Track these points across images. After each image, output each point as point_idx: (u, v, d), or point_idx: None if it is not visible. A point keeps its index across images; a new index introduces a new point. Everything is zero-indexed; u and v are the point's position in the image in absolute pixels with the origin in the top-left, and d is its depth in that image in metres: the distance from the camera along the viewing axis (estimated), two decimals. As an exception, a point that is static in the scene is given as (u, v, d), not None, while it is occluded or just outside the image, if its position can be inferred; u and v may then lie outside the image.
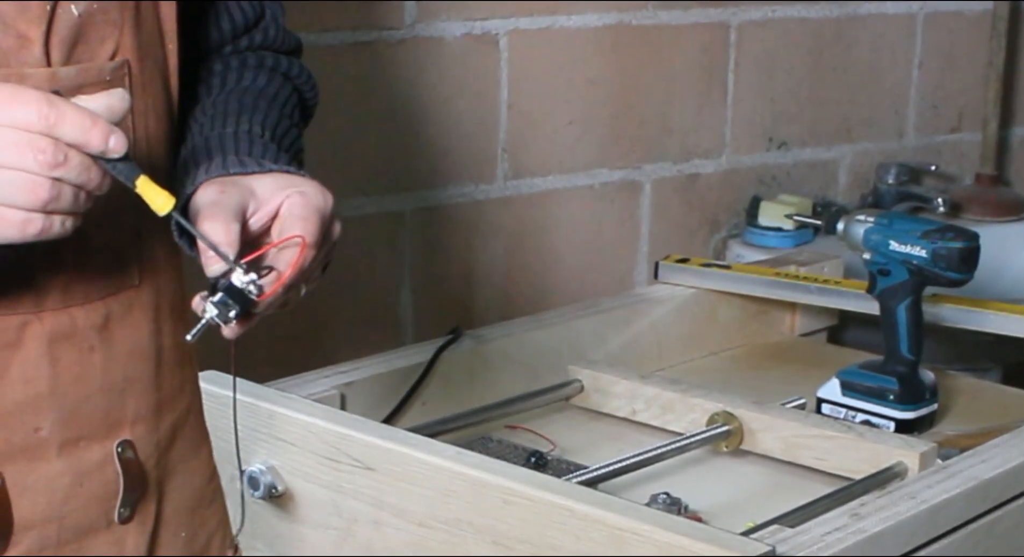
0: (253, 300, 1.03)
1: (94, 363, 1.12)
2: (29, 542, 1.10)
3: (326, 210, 1.10)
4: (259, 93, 1.23)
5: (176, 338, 1.20)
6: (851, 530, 1.32)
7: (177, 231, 1.11)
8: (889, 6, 2.71)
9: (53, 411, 1.10)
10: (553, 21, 2.31)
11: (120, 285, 1.13)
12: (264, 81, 1.25)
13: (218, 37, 1.26)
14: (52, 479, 1.11)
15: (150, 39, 1.12)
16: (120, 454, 1.14)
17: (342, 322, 2.17)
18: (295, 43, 1.32)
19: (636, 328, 1.92)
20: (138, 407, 1.16)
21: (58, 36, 1.05)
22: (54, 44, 1.04)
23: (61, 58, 1.05)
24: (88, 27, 1.06)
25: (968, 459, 1.50)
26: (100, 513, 1.14)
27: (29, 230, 0.95)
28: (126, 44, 1.09)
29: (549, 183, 2.37)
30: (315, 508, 1.47)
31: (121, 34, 1.08)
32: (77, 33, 1.06)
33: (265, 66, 1.26)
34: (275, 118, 1.22)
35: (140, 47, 1.10)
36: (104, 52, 1.07)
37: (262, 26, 1.28)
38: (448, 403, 1.69)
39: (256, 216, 1.09)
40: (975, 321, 1.84)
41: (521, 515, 1.32)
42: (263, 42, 1.28)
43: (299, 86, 1.29)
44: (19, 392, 1.08)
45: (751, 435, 1.62)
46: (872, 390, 1.73)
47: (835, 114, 2.69)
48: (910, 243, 1.70)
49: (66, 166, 0.94)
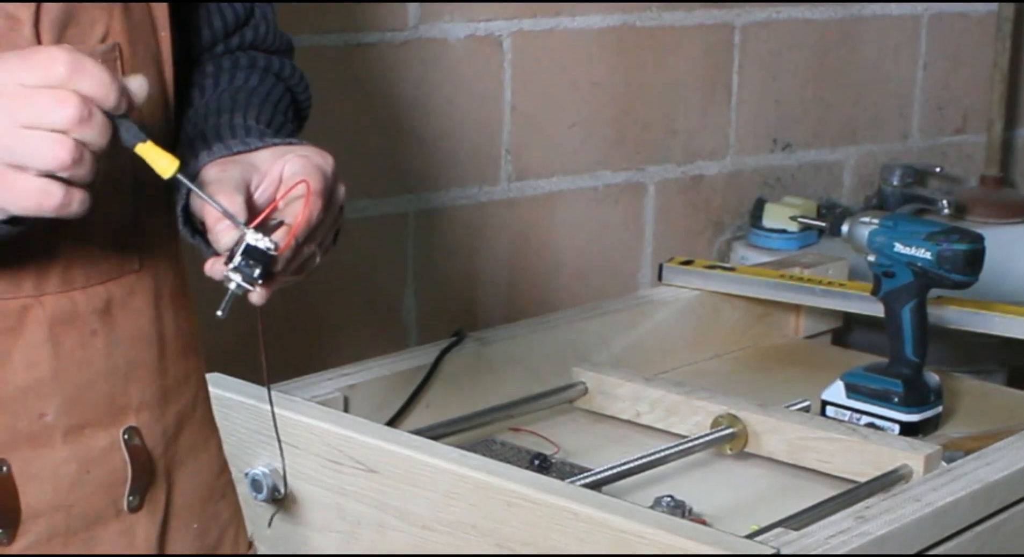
0: (272, 255, 1.03)
1: (96, 347, 1.12)
2: (38, 530, 1.10)
3: (327, 168, 1.11)
4: (252, 92, 1.24)
5: (179, 326, 1.20)
6: (856, 533, 1.32)
7: (182, 218, 1.12)
8: (894, 7, 2.70)
9: (57, 396, 1.10)
10: (557, 22, 2.31)
11: (120, 269, 1.13)
12: (256, 81, 1.25)
13: (209, 36, 1.26)
14: (58, 466, 1.10)
15: (141, 24, 1.12)
16: (127, 441, 1.14)
17: (345, 324, 2.17)
18: (287, 43, 1.32)
19: (640, 330, 1.92)
20: (143, 393, 1.16)
21: (48, 18, 1.05)
22: (44, 26, 1.04)
23: (51, 40, 1.05)
24: (78, 9, 1.06)
25: (973, 461, 1.49)
26: (108, 501, 1.14)
27: (47, 203, 0.94)
28: (116, 28, 1.09)
29: (553, 185, 2.37)
30: (318, 511, 1.47)
31: (111, 18, 1.08)
32: (67, 15, 1.06)
33: (257, 66, 1.27)
34: (269, 114, 1.22)
35: (131, 31, 1.10)
36: (94, 35, 1.08)
37: (252, 23, 1.28)
38: (451, 405, 1.69)
39: (261, 188, 1.09)
40: (980, 323, 1.84)
41: (525, 518, 1.32)
42: (254, 40, 1.28)
43: (292, 87, 1.29)
44: (22, 377, 1.08)
45: (755, 438, 1.62)
46: (877, 392, 1.72)
47: (839, 115, 2.69)
48: (915, 245, 1.69)
49: (90, 123, 0.93)
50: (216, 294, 1.06)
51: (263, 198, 1.09)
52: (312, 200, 1.07)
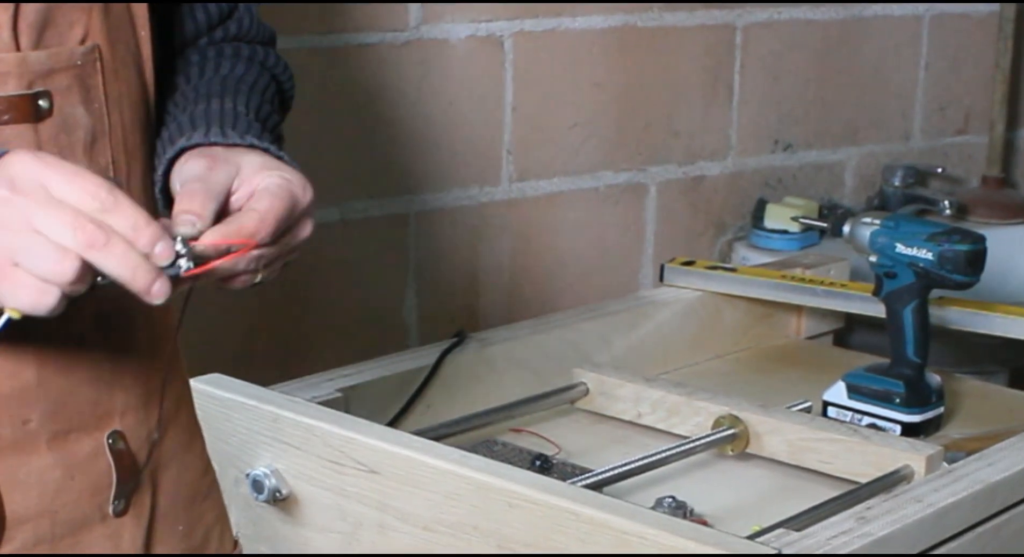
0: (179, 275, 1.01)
1: (82, 354, 1.11)
2: (23, 537, 1.10)
3: (301, 201, 1.09)
4: (239, 80, 1.23)
5: (164, 329, 1.19)
6: (857, 534, 1.32)
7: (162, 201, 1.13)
8: (895, 8, 2.70)
9: (41, 403, 1.09)
10: (558, 23, 2.31)
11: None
12: (243, 69, 1.25)
13: (193, 29, 1.26)
14: (43, 472, 1.10)
15: (120, 24, 1.12)
16: (111, 445, 1.14)
17: (346, 325, 2.17)
18: (269, 34, 1.31)
19: (641, 331, 1.92)
20: (127, 398, 1.15)
21: (26, 20, 1.04)
22: (22, 29, 1.04)
23: (30, 42, 1.05)
24: (56, 11, 1.06)
25: (975, 462, 1.49)
26: (94, 506, 1.14)
27: (44, 301, 0.93)
28: (95, 28, 1.09)
29: (554, 185, 2.37)
30: (319, 512, 1.46)
31: (90, 19, 1.08)
32: (45, 17, 1.05)
33: (242, 56, 1.26)
34: (257, 102, 1.21)
35: (110, 32, 1.10)
36: (74, 36, 1.07)
37: (236, 16, 1.28)
38: (452, 406, 1.69)
39: (238, 194, 1.08)
40: (982, 324, 1.84)
41: (526, 519, 1.32)
42: (238, 33, 1.28)
43: (277, 75, 1.29)
44: (6, 384, 1.08)
45: (757, 438, 1.62)
46: (878, 393, 1.72)
47: (841, 116, 2.69)
48: (916, 246, 1.69)
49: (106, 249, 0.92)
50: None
51: (239, 204, 1.08)
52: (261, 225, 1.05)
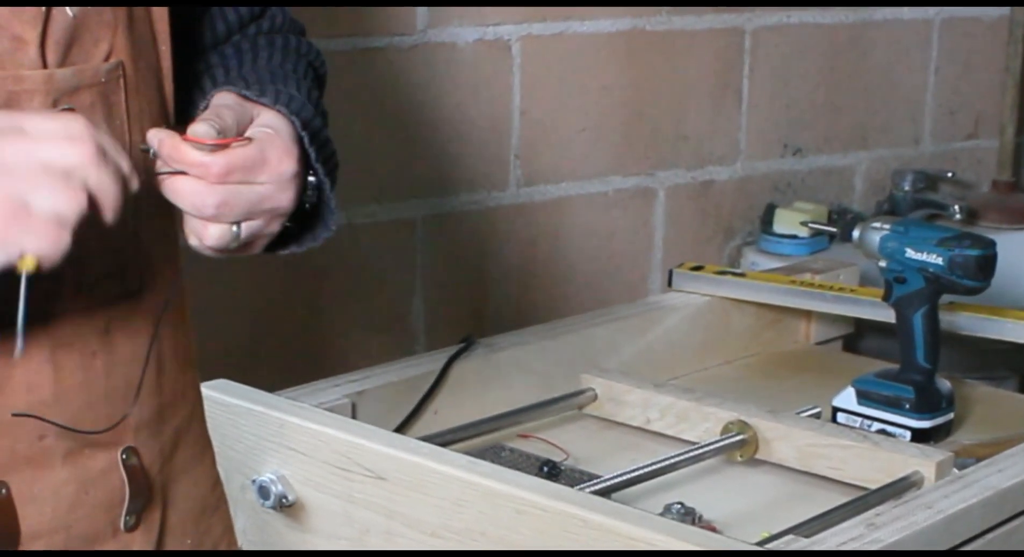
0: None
1: (96, 369, 1.12)
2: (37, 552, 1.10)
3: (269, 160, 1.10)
4: (278, 67, 1.25)
5: (177, 343, 1.20)
6: (867, 540, 1.31)
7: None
8: (905, 11, 2.70)
9: (57, 418, 1.09)
10: (566, 26, 2.31)
11: (121, 291, 1.13)
12: (280, 58, 1.26)
13: (224, 29, 1.27)
14: (58, 487, 1.10)
15: (143, 41, 1.13)
16: (125, 461, 1.14)
17: (353, 330, 2.17)
18: (300, 27, 1.33)
19: (650, 336, 1.92)
20: (141, 413, 1.15)
21: (53, 38, 1.05)
22: (49, 46, 1.05)
23: (56, 60, 1.06)
24: (82, 29, 1.07)
25: (985, 468, 1.48)
26: (107, 521, 1.14)
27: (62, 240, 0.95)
28: (120, 46, 1.10)
29: (562, 190, 2.36)
30: (326, 518, 1.46)
31: (115, 35, 1.09)
32: (72, 35, 1.06)
33: (276, 46, 1.28)
34: (295, 86, 1.23)
35: (133, 48, 1.11)
36: (99, 54, 1.08)
37: (269, 15, 1.29)
38: (460, 412, 1.68)
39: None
40: (992, 329, 1.83)
41: (534, 525, 1.31)
42: (271, 29, 1.30)
43: (312, 62, 1.30)
44: (22, 400, 1.08)
45: (766, 444, 1.61)
46: (888, 399, 1.72)
47: (851, 120, 2.68)
48: (926, 251, 1.69)
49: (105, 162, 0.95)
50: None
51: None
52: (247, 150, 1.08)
